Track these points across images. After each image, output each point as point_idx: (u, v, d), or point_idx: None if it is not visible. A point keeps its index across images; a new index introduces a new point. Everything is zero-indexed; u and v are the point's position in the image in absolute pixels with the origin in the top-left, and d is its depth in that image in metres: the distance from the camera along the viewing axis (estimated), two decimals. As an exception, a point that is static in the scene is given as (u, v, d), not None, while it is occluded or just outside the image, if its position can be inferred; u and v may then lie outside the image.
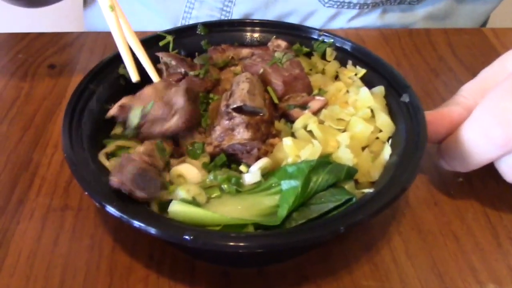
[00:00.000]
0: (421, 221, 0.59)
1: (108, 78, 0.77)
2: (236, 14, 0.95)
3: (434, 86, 0.87)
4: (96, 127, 0.70)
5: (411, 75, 0.93)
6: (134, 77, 0.74)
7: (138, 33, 0.79)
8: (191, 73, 0.75)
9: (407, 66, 1.01)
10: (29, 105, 0.88)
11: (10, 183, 0.65)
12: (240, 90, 0.68)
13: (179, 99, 0.66)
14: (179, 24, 0.96)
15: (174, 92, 0.67)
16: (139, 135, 0.67)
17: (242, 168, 0.61)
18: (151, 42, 0.83)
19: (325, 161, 0.59)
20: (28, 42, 1.09)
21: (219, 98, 0.75)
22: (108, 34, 0.75)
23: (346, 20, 0.95)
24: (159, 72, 0.79)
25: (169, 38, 0.84)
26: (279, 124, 0.71)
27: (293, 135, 0.69)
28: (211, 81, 0.76)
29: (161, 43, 0.84)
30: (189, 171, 0.63)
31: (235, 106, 0.67)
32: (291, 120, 0.71)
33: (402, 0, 0.94)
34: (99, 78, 0.75)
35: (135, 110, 0.66)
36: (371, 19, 0.97)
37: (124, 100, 0.69)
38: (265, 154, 0.65)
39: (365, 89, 0.73)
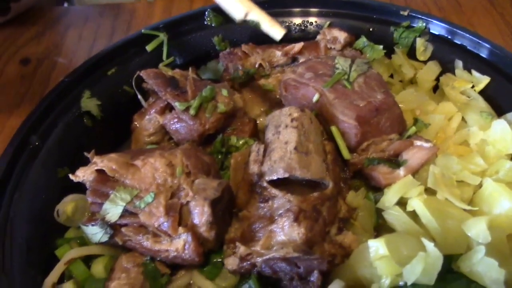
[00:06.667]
0: None
1: (64, 119, 0.47)
2: None
3: None
4: (40, 214, 0.42)
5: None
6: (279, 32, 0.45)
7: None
8: (177, 104, 0.44)
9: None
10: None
11: None
12: (282, 145, 0.38)
13: (198, 212, 0.36)
14: None
15: (193, 198, 0.36)
16: (113, 238, 0.38)
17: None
18: (134, 45, 0.53)
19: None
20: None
21: (245, 142, 0.45)
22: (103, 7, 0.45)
23: None
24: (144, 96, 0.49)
25: (161, 37, 0.53)
26: (354, 196, 0.40)
27: (377, 212, 0.40)
28: (220, 117, 0.45)
29: (148, 48, 0.53)
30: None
31: (274, 178, 0.38)
32: (372, 186, 0.41)
33: None
34: (47, 122, 0.46)
35: (119, 193, 0.36)
36: None
37: (109, 162, 0.37)
38: (331, 262, 0.37)
39: (501, 122, 0.41)
